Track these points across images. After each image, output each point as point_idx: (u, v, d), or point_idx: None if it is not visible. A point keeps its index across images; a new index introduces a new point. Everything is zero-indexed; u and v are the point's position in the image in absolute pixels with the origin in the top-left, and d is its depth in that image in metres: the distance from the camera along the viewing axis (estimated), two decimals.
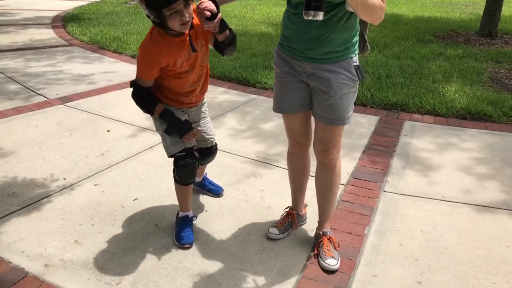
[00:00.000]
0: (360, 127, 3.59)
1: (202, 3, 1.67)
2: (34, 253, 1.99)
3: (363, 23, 1.80)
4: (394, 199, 2.51)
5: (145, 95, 1.90)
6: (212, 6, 1.66)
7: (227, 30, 1.82)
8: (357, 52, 1.76)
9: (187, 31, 1.79)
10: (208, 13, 1.65)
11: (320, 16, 1.48)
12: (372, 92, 4.26)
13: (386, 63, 5.40)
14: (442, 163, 2.98)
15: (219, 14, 1.69)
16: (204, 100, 2.18)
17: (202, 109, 2.16)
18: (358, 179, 2.74)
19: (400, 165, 2.93)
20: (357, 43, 1.77)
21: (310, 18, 1.49)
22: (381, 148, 3.18)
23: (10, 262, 1.92)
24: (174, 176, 2.06)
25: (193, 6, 1.75)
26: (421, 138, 3.38)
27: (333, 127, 1.80)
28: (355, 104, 4.11)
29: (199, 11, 1.67)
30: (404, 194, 2.57)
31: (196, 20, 1.80)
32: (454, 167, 2.92)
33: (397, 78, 4.74)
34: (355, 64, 1.73)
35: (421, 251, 2.07)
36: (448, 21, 9.09)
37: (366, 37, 1.82)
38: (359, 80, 1.76)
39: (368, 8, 1.51)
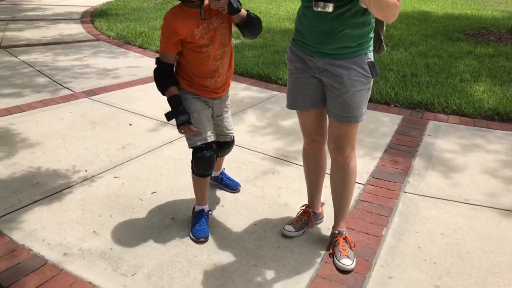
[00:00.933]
0: (382, 126, 3.53)
1: None
2: (54, 242, 2.04)
3: (379, 22, 1.75)
4: (414, 200, 2.46)
5: (164, 73, 1.96)
6: None
7: (245, 13, 1.85)
8: (371, 49, 1.72)
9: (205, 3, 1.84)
10: None
11: (330, 7, 1.46)
12: (396, 91, 4.17)
13: (412, 61, 5.27)
14: (466, 164, 2.89)
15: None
16: (228, 94, 2.19)
17: (225, 103, 2.18)
18: (378, 179, 2.69)
19: (422, 166, 2.86)
20: (372, 40, 1.72)
21: (319, 9, 1.47)
22: (403, 148, 3.12)
23: (31, 250, 1.98)
24: (192, 168, 2.08)
25: None
26: (445, 139, 3.29)
27: (346, 124, 1.77)
28: (379, 102, 4.07)
29: None
30: (425, 196, 2.51)
31: None
32: (478, 169, 2.83)
33: (422, 77, 4.63)
34: (369, 60, 1.69)
35: (440, 255, 2.01)
36: (479, 18, 8.81)
37: (382, 37, 1.77)
38: (373, 77, 1.71)
39: (380, 5, 1.47)
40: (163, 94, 2.01)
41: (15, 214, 2.24)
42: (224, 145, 2.27)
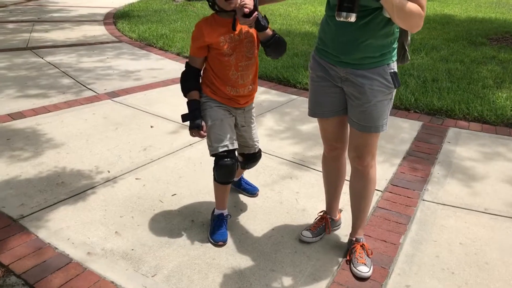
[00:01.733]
0: (402, 132, 3.51)
1: (243, 0, 1.72)
2: (78, 241, 2.11)
3: (404, 32, 1.75)
4: (432, 209, 2.45)
5: (189, 76, 2.05)
6: (251, 4, 1.73)
7: (270, 32, 1.88)
8: (394, 59, 1.73)
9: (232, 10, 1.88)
10: (246, 10, 1.73)
11: (353, 17, 1.48)
12: (416, 96, 4.15)
13: (433, 66, 5.22)
14: (487, 173, 2.86)
15: (255, 13, 1.76)
16: (253, 106, 2.22)
17: (250, 114, 2.21)
18: (397, 186, 2.68)
19: (441, 174, 2.84)
20: (395, 50, 1.73)
21: (342, 19, 1.49)
22: (423, 155, 3.10)
23: (56, 248, 2.05)
24: (214, 175, 2.12)
25: None
26: (465, 146, 3.26)
27: (367, 134, 1.78)
28: (398, 108, 4.05)
29: (239, 6, 1.75)
30: (444, 204, 2.49)
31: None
32: (500, 178, 2.80)
33: (443, 83, 4.58)
34: (391, 71, 1.70)
35: (458, 265, 2.01)
36: (503, 22, 8.64)
37: (406, 47, 1.78)
38: (395, 87, 1.72)
39: (404, 14, 1.48)
40: (185, 96, 2.07)
41: (41, 213, 2.33)
42: (250, 157, 2.30)
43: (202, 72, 2.09)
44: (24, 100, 4.07)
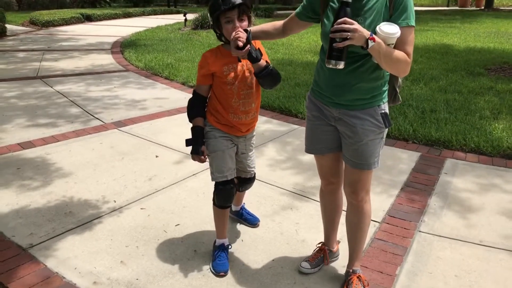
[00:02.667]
0: (400, 163, 3.60)
1: (237, 33, 1.87)
2: (85, 270, 2.19)
3: (394, 76, 1.87)
4: (429, 240, 2.51)
5: (195, 103, 2.19)
6: (244, 37, 1.86)
7: (264, 64, 1.99)
8: (385, 100, 1.84)
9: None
10: (240, 44, 1.87)
11: (341, 65, 1.60)
12: (414, 127, 4.25)
13: (432, 97, 5.35)
14: (482, 205, 2.93)
15: (248, 46, 1.88)
16: (254, 134, 2.35)
17: (250, 142, 2.34)
18: (394, 217, 2.76)
19: (438, 205, 2.91)
20: (386, 92, 1.85)
21: (331, 66, 1.61)
22: (420, 186, 3.18)
23: (64, 278, 2.13)
24: (213, 199, 2.24)
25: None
26: (462, 177, 3.34)
27: (360, 170, 1.88)
28: (397, 138, 4.16)
29: (233, 39, 1.89)
30: (440, 236, 2.56)
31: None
32: (495, 210, 2.87)
33: (441, 113, 4.70)
34: (382, 112, 1.81)
35: None
36: (502, 52, 8.82)
37: (397, 89, 1.89)
38: (385, 127, 1.83)
39: (391, 61, 1.60)
40: (190, 121, 2.20)
41: (50, 242, 2.42)
42: (245, 181, 2.42)
43: (208, 100, 2.21)
44: (33, 129, 4.21)
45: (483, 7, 25.74)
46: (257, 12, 15.80)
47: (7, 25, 11.47)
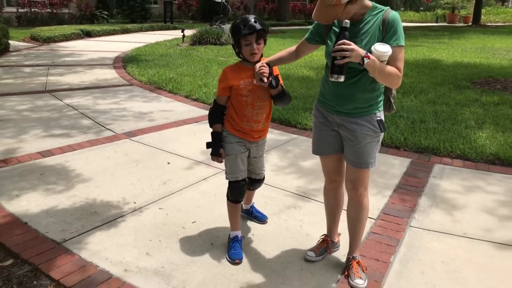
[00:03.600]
0: (392, 168, 3.93)
1: (262, 68, 2.20)
2: (116, 260, 2.46)
3: (388, 88, 2.20)
4: (419, 234, 2.82)
5: (215, 111, 2.52)
6: (267, 71, 2.22)
7: (280, 89, 2.38)
8: (381, 109, 2.17)
9: (255, 62, 2.37)
10: (265, 79, 2.22)
11: (342, 78, 1.93)
12: (405, 136, 4.60)
13: (421, 108, 5.72)
14: (466, 203, 3.25)
15: (270, 78, 2.24)
16: (265, 140, 2.67)
17: (263, 148, 2.67)
18: (388, 214, 3.07)
19: (427, 204, 3.23)
20: (381, 102, 2.18)
21: (333, 80, 1.94)
22: (411, 188, 3.50)
23: (98, 266, 2.40)
24: (227, 195, 2.56)
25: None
26: (449, 180, 3.67)
27: (359, 169, 2.20)
28: (390, 146, 4.50)
29: (258, 73, 2.21)
30: (429, 230, 2.87)
31: None
32: (478, 208, 3.19)
33: (430, 123, 5.06)
34: (378, 118, 2.14)
35: (440, 280, 2.37)
36: (487, 67, 9.29)
37: (392, 99, 2.23)
38: (381, 132, 2.15)
39: (384, 76, 1.94)
40: (210, 127, 2.53)
41: (80, 237, 2.69)
42: (255, 181, 2.73)
43: (226, 109, 2.53)
44: (50, 139, 4.49)
45: (470, 23, 26.58)
46: None
47: (9, 41, 11.76)
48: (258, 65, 2.27)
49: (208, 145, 2.51)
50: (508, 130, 4.87)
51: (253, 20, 2.29)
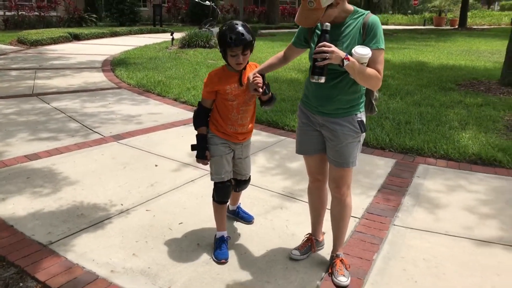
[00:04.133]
0: (377, 168, 4.00)
1: (256, 79, 2.28)
2: (102, 262, 2.48)
3: (370, 90, 2.25)
4: (402, 232, 2.88)
5: (200, 114, 2.54)
6: (261, 82, 2.29)
7: (270, 95, 2.44)
8: (362, 110, 2.23)
9: (240, 70, 2.43)
10: (260, 90, 2.29)
11: (322, 79, 1.99)
12: (390, 137, 4.67)
13: (407, 110, 5.81)
14: (449, 202, 3.33)
15: (264, 87, 2.31)
16: (250, 142, 2.70)
17: (247, 149, 2.70)
18: (372, 213, 3.12)
19: (411, 203, 3.30)
20: (363, 103, 2.23)
21: (314, 81, 2.00)
22: (395, 188, 3.57)
23: (84, 268, 2.42)
24: (213, 196, 2.58)
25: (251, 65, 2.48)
26: (432, 180, 3.74)
27: (341, 168, 2.25)
28: (375, 147, 4.56)
29: (253, 84, 2.29)
30: (412, 228, 2.93)
31: (252, 69, 2.43)
32: (459, 206, 3.27)
33: (415, 125, 5.14)
34: (358, 119, 2.19)
35: (421, 275, 2.42)
36: (472, 69, 9.45)
37: (373, 101, 2.28)
38: (361, 132, 2.21)
39: (364, 77, 1.99)
40: (195, 129, 2.56)
41: (67, 239, 2.70)
42: (241, 182, 2.76)
43: (211, 111, 2.56)
44: (37, 142, 4.48)
45: (457, 26, 26.98)
46: None
47: None
48: (251, 76, 2.32)
49: (193, 147, 2.54)
50: (490, 130, 4.97)
51: (240, 30, 2.29)
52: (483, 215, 3.13)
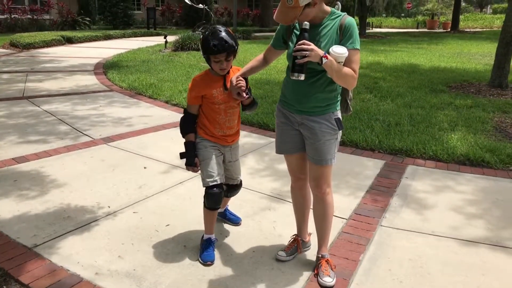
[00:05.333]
0: (366, 169, 4.01)
1: (239, 82, 2.29)
2: (87, 264, 2.47)
3: (345, 89, 2.28)
4: (388, 233, 2.89)
5: (187, 120, 2.53)
6: (244, 85, 2.30)
7: (252, 99, 2.46)
8: (338, 108, 2.26)
9: (224, 74, 2.44)
10: (244, 94, 2.30)
11: (302, 77, 2.02)
12: (380, 139, 4.69)
13: (397, 112, 5.84)
14: (436, 203, 3.34)
15: (247, 91, 2.33)
16: (238, 144, 2.70)
17: (236, 151, 2.69)
18: (360, 214, 3.13)
19: (398, 204, 3.31)
20: (339, 102, 2.27)
21: (294, 78, 2.03)
22: (383, 189, 3.58)
23: (68, 270, 2.40)
24: (204, 202, 2.55)
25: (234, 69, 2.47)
26: (421, 181, 3.76)
27: (320, 166, 2.26)
28: (364, 149, 4.58)
29: (236, 87, 2.29)
30: (399, 229, 2.94)
31: (235, 73, 2.43)
32: (446, 207, 3.28)
33: (405, 126, 5.17)
34: (335, 117, 2.23)
35: (406, 275, 2.43)
36: (462, 71, 9.52)
37: (348, 101, 2.32)
38: (339, 129, 2.24)
39: (341, 76, 2.03)
40: (183, 137, 2.53)
41: (52, 242, 2.68)
42: (232, 187, 2.75)
43: (197, 117, 2.56)
44: (26, 145, 4.46)
45: (449, 29, 27.18)
46: (236, 34, 16.34)
47: None
48: (234, 79, 2.32)
49: (182, 155, 2.51)
50: (479, 132, 5.01)
51: (223, 36, 2.30)
52: (469, 215, 3.15)
